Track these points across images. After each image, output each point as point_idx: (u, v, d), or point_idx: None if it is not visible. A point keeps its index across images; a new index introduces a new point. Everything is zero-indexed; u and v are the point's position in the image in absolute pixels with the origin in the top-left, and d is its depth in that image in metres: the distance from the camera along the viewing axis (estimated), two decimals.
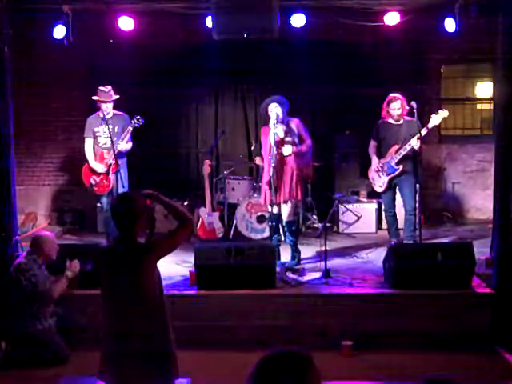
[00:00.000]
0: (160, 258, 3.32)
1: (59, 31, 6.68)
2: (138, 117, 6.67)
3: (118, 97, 6.77)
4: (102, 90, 6.73)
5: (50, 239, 5.34)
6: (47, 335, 5.11)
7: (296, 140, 6.28)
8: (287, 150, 6.23)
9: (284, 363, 1.78)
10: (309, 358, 1.81)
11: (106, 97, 6.72)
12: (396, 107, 6.60)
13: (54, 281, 5.21)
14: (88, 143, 6.91)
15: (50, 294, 5.14)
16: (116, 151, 6.57)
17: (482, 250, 6.22)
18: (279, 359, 1.79)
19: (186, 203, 8.25)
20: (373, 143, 6.89)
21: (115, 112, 6.86)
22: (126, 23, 6.82)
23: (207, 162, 7.79)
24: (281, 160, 6.23)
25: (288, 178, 6.25)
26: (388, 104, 6.65)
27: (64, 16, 6.60)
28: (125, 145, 6.72)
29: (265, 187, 6.35)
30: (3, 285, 5.29)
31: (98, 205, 7.97)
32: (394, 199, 6.89)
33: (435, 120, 6.52)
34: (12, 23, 5.85)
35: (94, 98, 6.76)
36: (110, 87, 6.75)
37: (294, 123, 6.33)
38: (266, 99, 6.40)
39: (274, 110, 6.23)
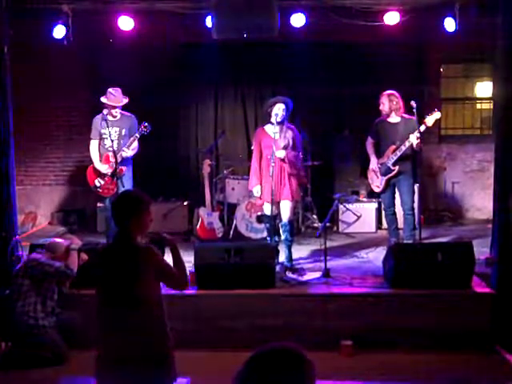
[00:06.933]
0: (154, 272, 3.25)
1: (59, 31, 6.67)
2: (146, 124, 6.45)
3: (127, 100, 6.55)
4: (111, 93, 6.46)
5: (62, 247, 5.40)
6: (47, 335, 5.12)
7: (287, 145, 6.23)
8: (280, 153, 6.15)
9: (273, 360, 1.71)
10: (300, 356, 1.74)
11: (116, 101, 6.47)
12: (381, 101, 6.64)
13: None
14: (93, 145, 6.69)
15: (69, 269, 5.21)
16: (120, 158, 6.40)
17: (481, 250, 6.21)
18: (269, 356, 1.73)
19: (185, 203, 8.25)
20: (370, 140, 6.87)
21: (122, 112, 6.63)
22: (125, 23, 6.81)
23: (207, 161, 7.79)
24: (280, 160, 6.21)
25: (287, 178, 6.23)
26: None
27: (64, 16, 6.59)
28: (130, 152, 6.54)
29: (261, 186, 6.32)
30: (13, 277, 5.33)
31: (100, 205, 7.96)
32: (393, 198, 6.88)
33: (428, 121, 6.50)
34: (12, 23, 5.86)
35: (103, 99, 6.47)
36: (119, 89, 6.51)
37: (290, 131, 6.28)
38: (278, 96, 6.35)
39: (276, 110, 6.21)
